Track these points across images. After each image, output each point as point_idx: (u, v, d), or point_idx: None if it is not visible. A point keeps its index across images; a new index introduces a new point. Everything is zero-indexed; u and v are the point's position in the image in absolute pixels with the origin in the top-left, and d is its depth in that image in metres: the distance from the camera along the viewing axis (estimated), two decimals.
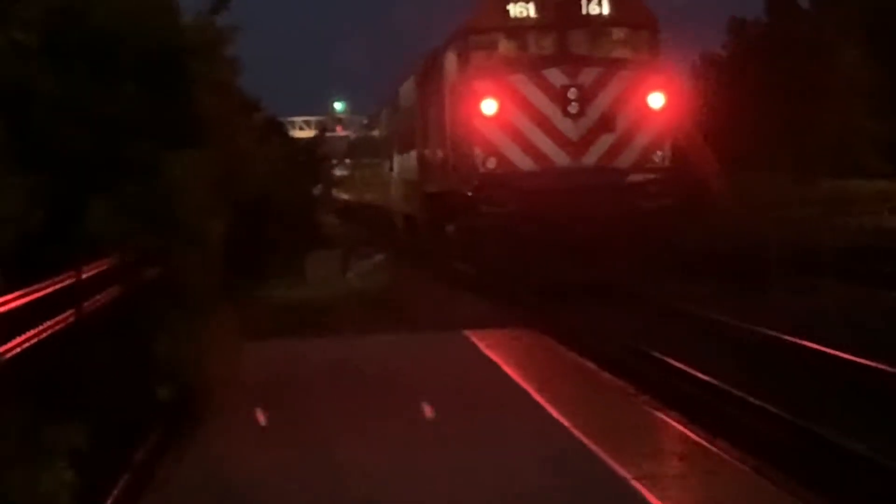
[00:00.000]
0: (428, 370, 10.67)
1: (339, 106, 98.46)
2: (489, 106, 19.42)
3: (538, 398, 9.14)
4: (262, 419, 8.54)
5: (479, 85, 19.64)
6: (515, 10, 19.97)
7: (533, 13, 19.97)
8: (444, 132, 22.18)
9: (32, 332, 5.16)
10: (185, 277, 7.78)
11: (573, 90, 19.15)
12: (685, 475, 7.00)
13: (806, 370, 11.56)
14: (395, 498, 6.70)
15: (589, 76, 19.31)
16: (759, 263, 18.94)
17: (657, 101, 19.56)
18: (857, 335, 12.56)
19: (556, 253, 18.37)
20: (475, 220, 19.82)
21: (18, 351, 4.90)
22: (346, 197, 54.80)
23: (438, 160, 23.18)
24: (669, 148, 19.76)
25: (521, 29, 20.17)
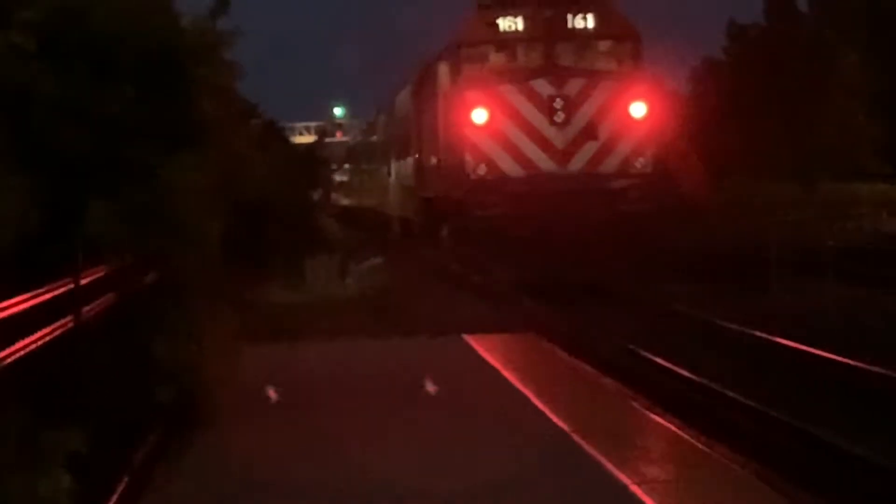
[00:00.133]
0: (427, 374, 10.63)
1: (338, 111, 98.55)
2: (479, 115, 20.49)
3: (538, 403, 9.14)
4: (261, 422, 8.59)
5: (469, 95, 20.71)
6: (504, 23, 21.11)
7: (521, 27, 21.10)
8: (437, 139, 23.23)
9: (31, 338, 5.19)
10: (183, 280, 7.80)
11: (559, 100, 20.22)
12: (684, 480, 7.03)
13: (782, 366, 12.52)
14: (394, 502, 6.76)
15: (574, 87, 20.37)
16: (751, 265, 19.71)
17: (639, 110, 20.61)
18: (834, 332, 13.51)
19: (543, 254, 19.37)
20: (467, 223, 20.89)
21: (18, 357, 4.93)
22: (345, 202, 55.54)
23: (432, 166, 24.21)
24: (651, 155, 20.80)
25: (509, 42, 21.31)
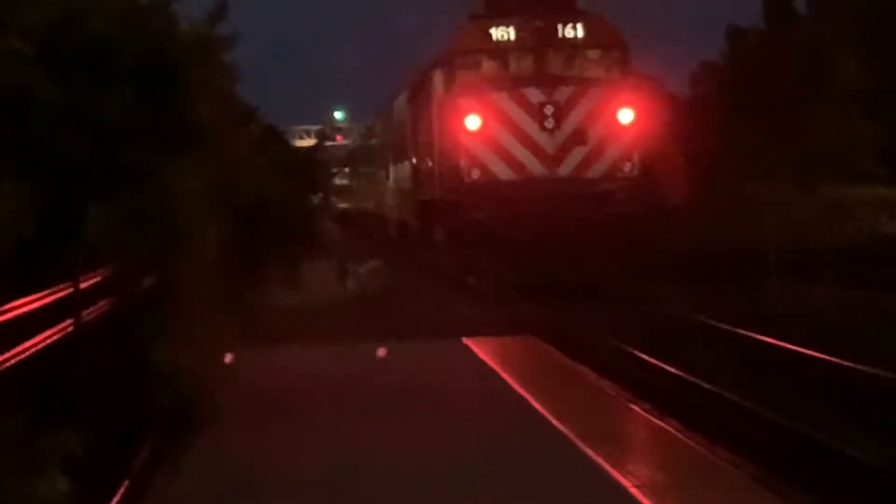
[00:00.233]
0: (427, 378, 10.72)
1: (338, 115, 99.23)
2: (473, 121, 21.37)
3: (538, 406, 9.19)
4: (260, 425, 8.66)
5: (463, 102, 21.59)
6: (497, 33, 22.03)
7: (513, 36, 22.02)
8: (432, 144, 24.09)
9: (32, 341, 5.22)
10: (182, 284, 7.79)
11: (549, 107, 21.08)
12: (685, 483, 7.05)
13: (755, 359, 13.45)
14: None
15: (564, 94, 21.24)
16: (750, 267, 20.34)
17: (626, 116, 21.48)
18: (823, 331, 14.28)
19: (535, 255, 20.22)
20: (461, 225, 21.75)
21: (18, 360, 4.96)
22: (344, 205, 56.30)
23: (428, 170, 25.07)
24: (637, 159, 21.68)
25: (502, 51, 22.21)
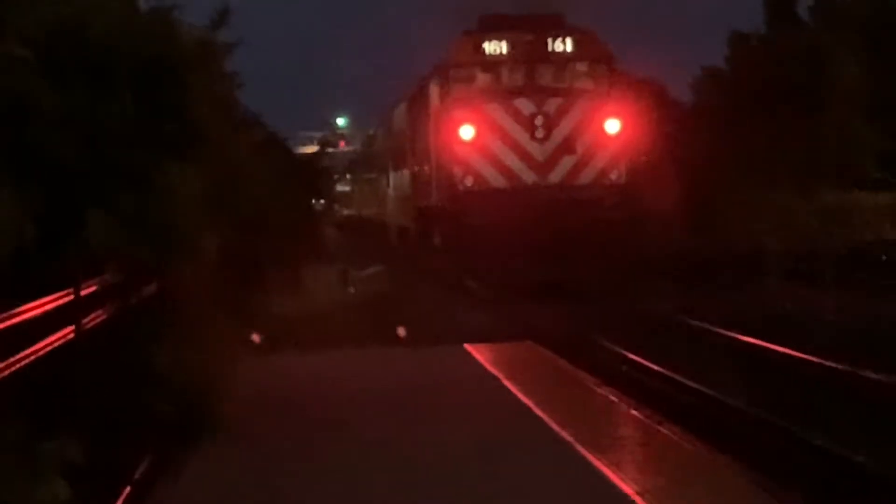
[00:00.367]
0: (429, 384, 10.79)
1: (341, 121, 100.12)
2: (467, 131, 22.44)
3: (539, 413, 9.25)
4: (262, 432, 8.73)
5: (458, 113, 22.65)
6: (490, 47, 23.12)
7: (505, 50, 23.10)
8: (429, 153, 25.15)
9: (33, 348, 5.25)
10: (183, 291, 7.83)
11: (540, 117, 22.17)
12: (686, 489, 7.04)
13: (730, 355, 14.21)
14: None
15: (553, 105, 22.32)
16: (752, 271, 21.46)
17: (613, 126, 22.56)
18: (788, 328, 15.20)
19: (527, 259, 21.21)
20: (457, 230, 22.79)
21: (19, 366, 4.99)
22: (346, 211, 57.18)
23: (425, 177, 26.12)
24: (624, 167, 22.77)
25: (494, 64, 23.27)
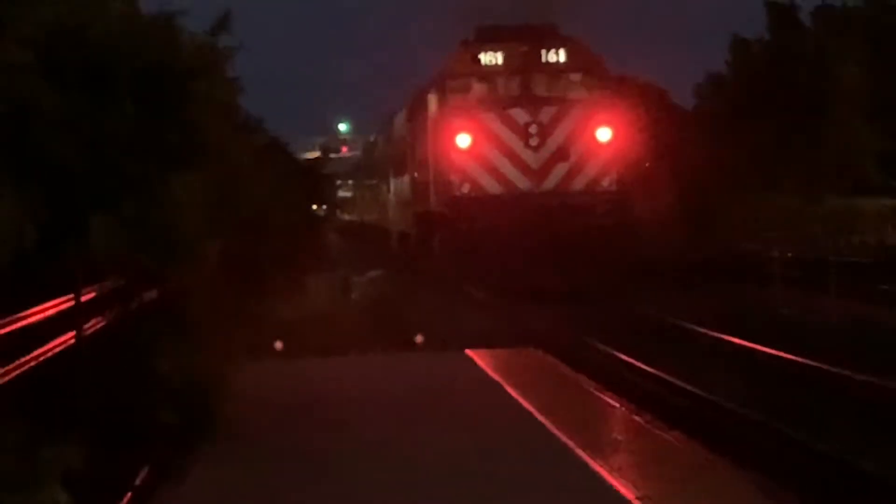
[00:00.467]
0: (431, 390, 10.82)
1: (343, 127, 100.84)
2: (463, 140, 23.30)
3: (541, 418, 9.30)
4: (264, 437, 8.71)
5: (455, 122, 23.52)
6: (486, 58, 23.98)
7: (500, 61, 23.96)
8: (427, 160, 25.97)
9: (34, 353, 5.28)
10: (184, 296, 7.83)
11: (534, 126, 23.05)
12: (687, 495, 7.05)
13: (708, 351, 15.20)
14: None
15: (547, 114, 23.18)
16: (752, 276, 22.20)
17: (605, 134, 23.38)
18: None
19: (521, 262, 21.99)
20: (454, 234, 23.58)
21: (20, 372, 5.01)
22: (347, 217, 57.88)
23: (424, 184, 26.93)
24: (616, 174, 23.59)
25: (490, 75, 24.13)
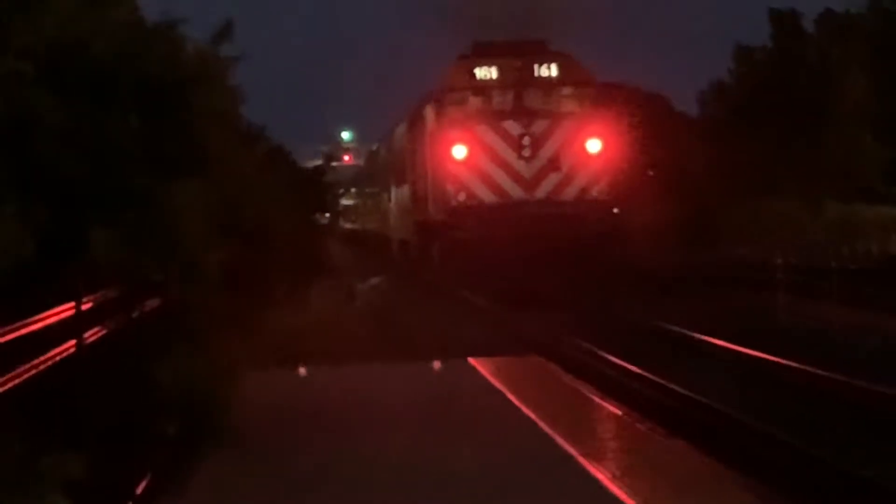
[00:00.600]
0: (434, 399, 10.86)
1: (346, 135, 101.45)
2: (460, 151, 24.29)
3: (544, 427, 9.35)
4: (266, 448, 8.72)
5: (451, 134, 24.53)
6: (481, 73, 25.01)
7: (495, 75, 24.98)
8: (426, 170, 26.98)
9: (34, 362, 5.29)
10: (186, 306, 7.81)
11: (527, 138, 24.04)
12: (689, 502, 7.08)
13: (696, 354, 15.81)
14: None
15: (540, 126, 24.19)
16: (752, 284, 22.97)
17: (595, 146, 24.37)
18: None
19: (515, 269, 22.91)
20: (451, 242, 24.57)
21: (20, 381, 5.02)
22: (350, 225, 58.71)
23: (422, 193, 27.93)
24: (606, 184, 24.55)
25: (485, 88, 25.12)
